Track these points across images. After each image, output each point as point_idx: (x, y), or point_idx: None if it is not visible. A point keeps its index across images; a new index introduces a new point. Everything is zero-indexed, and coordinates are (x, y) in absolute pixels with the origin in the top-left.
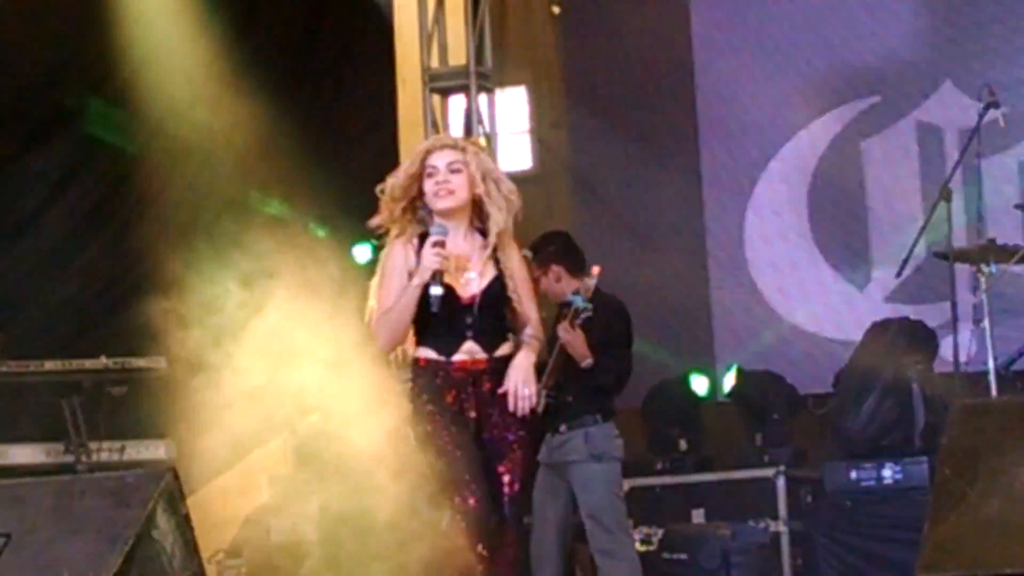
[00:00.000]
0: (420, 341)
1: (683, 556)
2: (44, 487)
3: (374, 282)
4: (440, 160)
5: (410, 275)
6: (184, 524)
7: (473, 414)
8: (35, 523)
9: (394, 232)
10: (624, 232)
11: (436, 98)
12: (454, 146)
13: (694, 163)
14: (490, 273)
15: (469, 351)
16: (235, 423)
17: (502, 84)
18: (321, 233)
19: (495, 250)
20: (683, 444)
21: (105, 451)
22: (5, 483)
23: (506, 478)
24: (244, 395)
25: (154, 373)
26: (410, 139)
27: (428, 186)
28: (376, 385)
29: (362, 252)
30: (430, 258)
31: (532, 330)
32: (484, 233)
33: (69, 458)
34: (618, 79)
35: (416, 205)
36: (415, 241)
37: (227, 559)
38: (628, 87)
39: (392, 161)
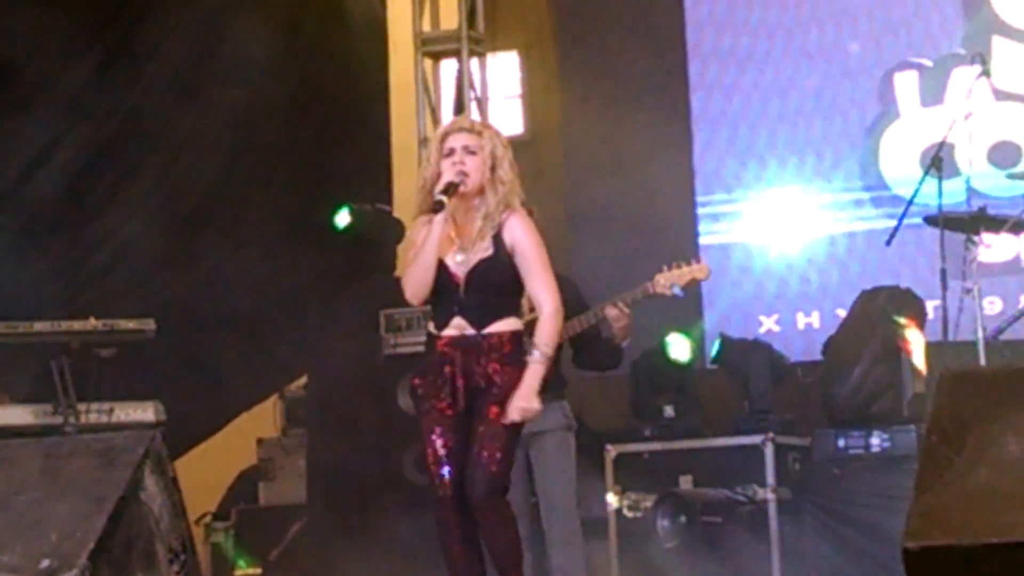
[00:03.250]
0: (431, 314)
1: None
2: (32, 448)
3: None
4: (457, 142)
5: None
6: (172, 486)
7: (460, 393)
8: (23, 484)
9: (418, 209)
10: (615, 197)
11: (428, 62)
12: (471, 129)
13: (686, 128)
14: (484, 252)
15: (458, 326)
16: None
17: (494, 48)
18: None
19: (497, 228)
20: (669, 411)
21: (93, 413)
22: None
23: (485, 455)
24: (234, 356)
25: (143, 335)
26: (401, 103)
27: (445, 166)
28: None
29: (342, 217)
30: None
31: (543, 337)
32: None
33: (57, 419)
34: (610, 44)
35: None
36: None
37: (215, 521)
38: (620, 52)
39: (382, 124)
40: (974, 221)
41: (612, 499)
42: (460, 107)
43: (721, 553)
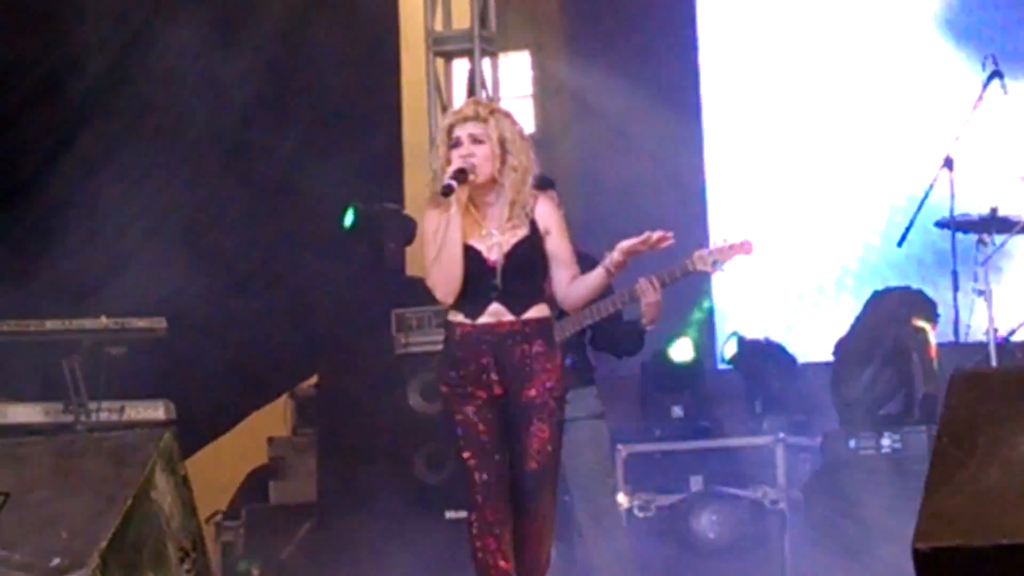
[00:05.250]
0: (452, 304)
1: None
2: (43, 446)
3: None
4: (463, 132)
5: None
6: (182, 485)
7: (496, 382)
8: (34, 482)
9: (427, 200)
10: (627, 196)
11: (439, 62)
12: (476, 116)
13: (697, 126)
14: (519, 234)
15: (495, 312)
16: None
17: (505, 48)
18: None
19: (531, 212)
20: (677, 411)
21: (104, 411)
22: (4, 442)
23: (533, 446)
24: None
25: (154, 333)
26: (413, 102)
27: (452, 157)
28: None
29: (348, 217)
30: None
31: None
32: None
33: (68, 418)
34: (621, 44)
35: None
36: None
37: (225, 520)
38: (631, 52)
39: (394, 123)
40: (985, 223)
41: (623, 499)
42: None
43: (732, 553)
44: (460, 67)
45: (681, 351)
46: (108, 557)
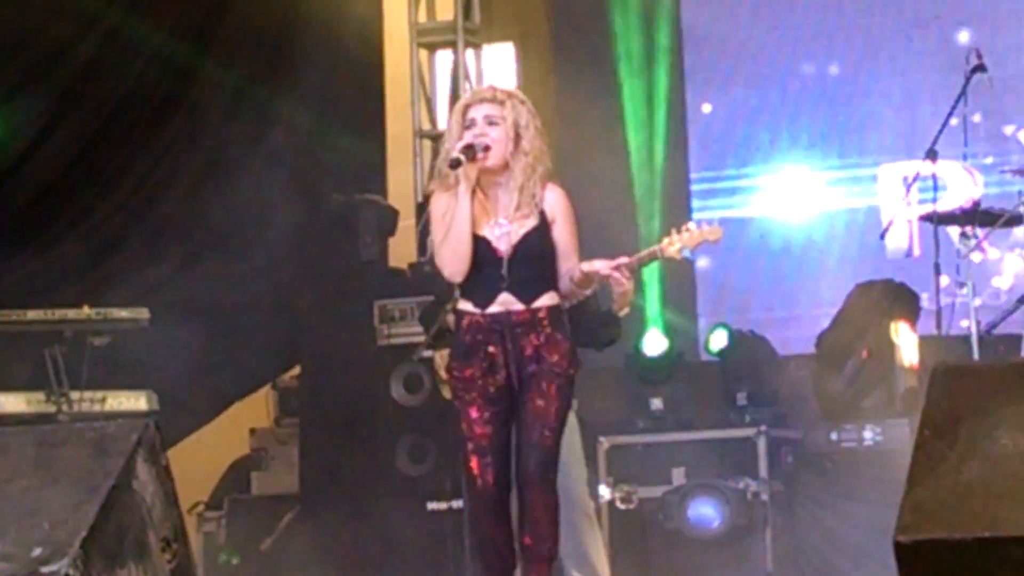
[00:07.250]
0: (461, 292)
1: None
2: (24, 436)
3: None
4: (478, 112)
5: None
6: (164, 475)
7: (505, 370)
8: (15, 472)
9: (435, 183)
10: (610, 189)
11: (423, 53)
12: (492, 99)
13: (681, 118)
14: (528, 224)
15: (504, 302)
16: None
17: (489, 40)
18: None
19: (540, 201)
20: (656, 403)
21: (86, 401)
22: None
23: (536, 435)
24: (227, 345)
25: (137, 324)
26: (396, 94)
27: (466, 138)
28: None
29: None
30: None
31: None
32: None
33: (50, 408)
34: (605, 35)
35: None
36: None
37: (207, 511)
38: (615, 42)
39: (377, 115)
40: (968, 216)
41: (605, 491)
42: (456, 99)
43: (714, 545)
44: (444, 59)
45: (653, 344)
46: (89, 547)
